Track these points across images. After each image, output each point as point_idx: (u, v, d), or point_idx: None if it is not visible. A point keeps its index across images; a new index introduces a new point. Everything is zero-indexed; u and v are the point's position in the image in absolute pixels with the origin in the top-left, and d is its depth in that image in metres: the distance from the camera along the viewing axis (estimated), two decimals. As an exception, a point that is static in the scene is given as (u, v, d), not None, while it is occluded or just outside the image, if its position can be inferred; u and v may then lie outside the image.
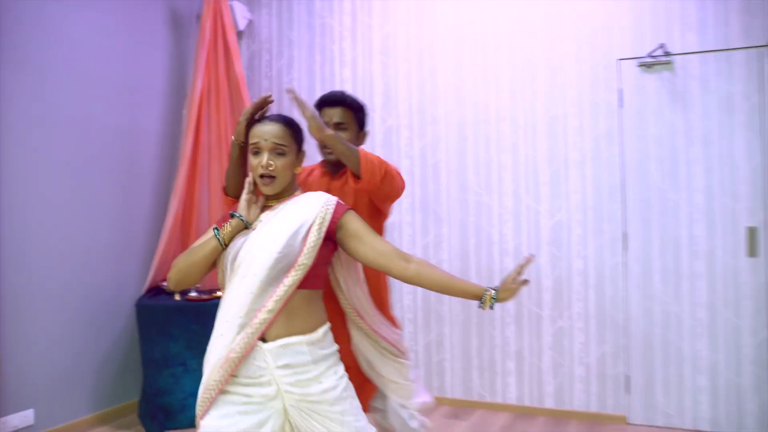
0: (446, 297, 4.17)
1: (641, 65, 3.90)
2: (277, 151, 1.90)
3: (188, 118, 4.33)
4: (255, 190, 1.95)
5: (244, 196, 1.93)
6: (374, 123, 4.52)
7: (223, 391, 1.79)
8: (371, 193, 2.20)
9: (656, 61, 3.85)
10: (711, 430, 3.74)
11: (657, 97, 3.88)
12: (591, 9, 4.01)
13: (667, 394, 3.84)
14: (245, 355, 1.78)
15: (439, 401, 4.25)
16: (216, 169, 4.41)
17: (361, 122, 2.41)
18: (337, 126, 2.32)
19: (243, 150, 2.03)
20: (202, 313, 3.89)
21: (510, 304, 4.13)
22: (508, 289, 1.82)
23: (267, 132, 1.91)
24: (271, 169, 1.89)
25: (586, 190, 4.01)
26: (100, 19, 4.05)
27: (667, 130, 3.85)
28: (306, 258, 1.83)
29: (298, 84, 4.76)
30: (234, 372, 1.78)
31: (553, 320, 4.07)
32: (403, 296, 4.34)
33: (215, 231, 1.90)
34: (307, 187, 2.25)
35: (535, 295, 4.09)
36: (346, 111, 2.35)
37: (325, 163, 2.42)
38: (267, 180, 1.90)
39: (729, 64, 3.72)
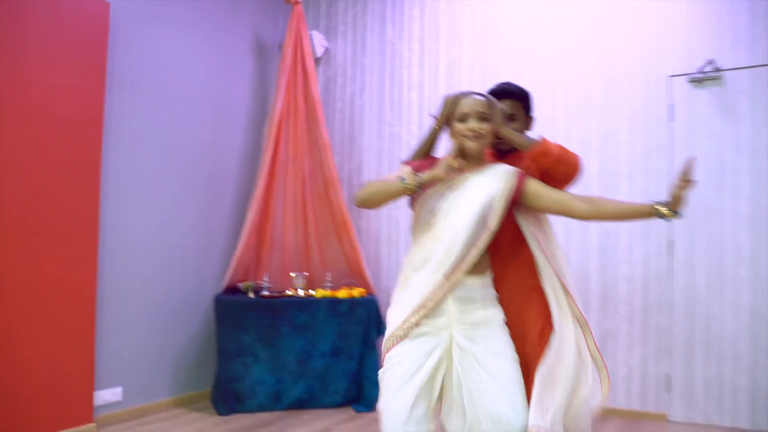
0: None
1: (692, 81, 4.05)
2: (484, 117, 2.19)
3: (269, 136, 4.78)
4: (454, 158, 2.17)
5: (446, 157, 2.14)
6: (441, 140, 4.83)
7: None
8: (545, 171, 2.32)
9: (706, 77, 3.99)
10: (749, 428, 3.74)
11: (706, 111, 4.00)
12: (643, 27, 4.20)
13: (707, 393, 3.88)
14: (437, 305, 2.10)
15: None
16: (291, 183, 4.82)
17: (527, 109, 2.56)
18: (510, 117, 2.46)
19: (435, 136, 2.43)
20: (272, 310, 4.28)
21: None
22: (676, 196, 1.95)
23: (475, 102, 2.19)
24: (482, 131, 2.17)
25: (635, 199, 4.14)
26: (195, 45, 4.62)
27: (716, 142, 3.96)
28: (494, 225, 2.13)
29: (369, 105, 5.18)
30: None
31: (598, 323, 4.19)
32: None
33: (402, 179, 2.13)
34: None
35: (583, 299, 4.23)
36: (514, 102, 2.51)
37: (493, 149, 2.51)
38: (475, 137, 2.18)
39: (778, 78, 3.81)
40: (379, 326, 4.43)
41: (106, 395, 3.96)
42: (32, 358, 3.47)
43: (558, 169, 2.29)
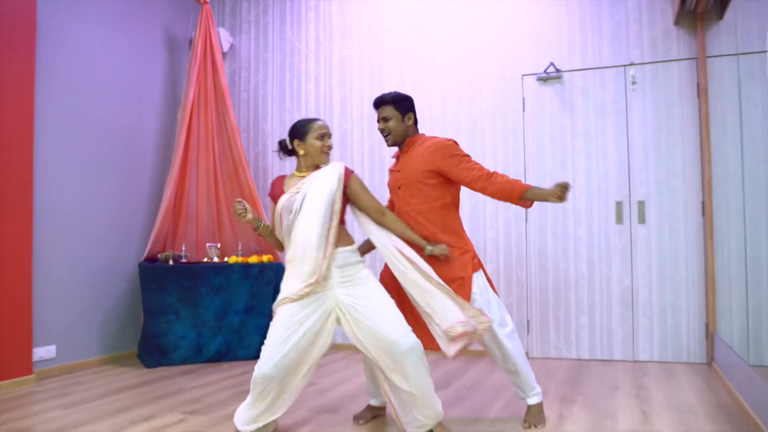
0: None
1: (539, 79, 5.04)
2: (330, 135, 3.06)
3: (181, 121, 5.31)
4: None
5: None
6: (332, 126, 5.58)
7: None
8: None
9: (549, 76, 5.00)
10: (589, 357, 4.79)
11: (551, 104, 5.01)
12: (501, 36, 5.15)
13: (557, 332, 4.89)
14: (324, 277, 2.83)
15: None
16: (203, 163, 5.38)
17: (402, 110, 3.15)
18: (385, 120, 3.15)
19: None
20: (192, 273, 4.86)
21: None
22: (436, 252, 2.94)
23: (326, 125, 3.02)
24: (331, 147, 3.04)
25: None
26: (113, 39, 5.08)
27: (558, 128, 4.97)
28: (338, 204, 2.90)
29: (271, 95, 5.83)
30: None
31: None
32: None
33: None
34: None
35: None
36: (389, 107, 3.15)
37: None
38: (328, 152, 3.01)
39: (603, 78, 4.88)
40: (287, 286, 5.11)
41: (42, 352, 4.39)
42: (-19, 314, 3.88)
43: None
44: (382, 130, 3.19)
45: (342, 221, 2.96)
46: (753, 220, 3.48)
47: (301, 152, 2.98)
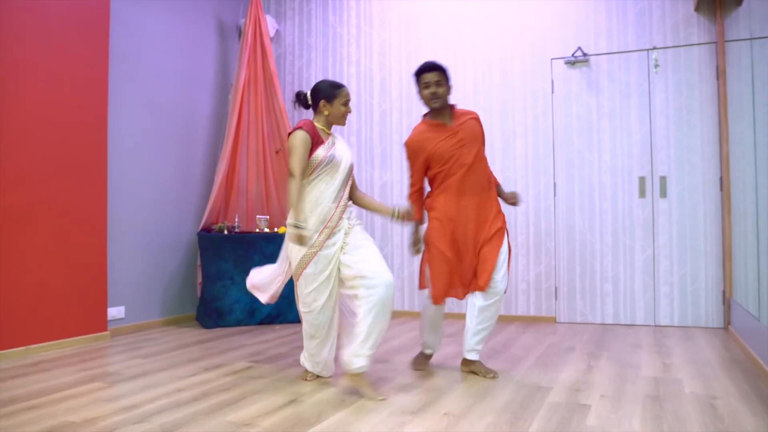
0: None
1: (567, 63, 5.38)
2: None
3: (233, 103, 5.72)
4: None
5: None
6: (372, 107, 5.98)
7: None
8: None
9: (577, 60, 5.33)
10: (612, 322, 5.18)
11: (578, 86, 5.35)
12: (530, 21, 5.50)
13: (583, 299, 5.27)
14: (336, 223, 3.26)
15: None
16: (253, 140, 5.80)
17: (448, 78, 3.49)
18: (438, 83, 3.42)
19: None
20: (245, 242, 5.29)
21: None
22: (404, 212, 3.35)
23: (349, 93, 3.39)
24: (350, 111, 3.42)
25: (527, 153, 5.46)
26: (172, 27, 5.49)
27: (585, 109, 5.32)
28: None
29: (314, 78, 6.22)
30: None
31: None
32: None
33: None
34: (433, 145, 3.47)
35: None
36: (440, 72, 3.45)
37: (429, 116, 3.56)
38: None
39: (627, 62, 5.21)
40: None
41: (113, 312, 4.86)
42: (58, 277, 4.35)
43: None
44: (433, 93, 3.42)
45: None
46: (766, 194, 3.80)
47: (326, 113, 3.31)
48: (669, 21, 5.10)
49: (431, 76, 3.44)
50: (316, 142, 3.24)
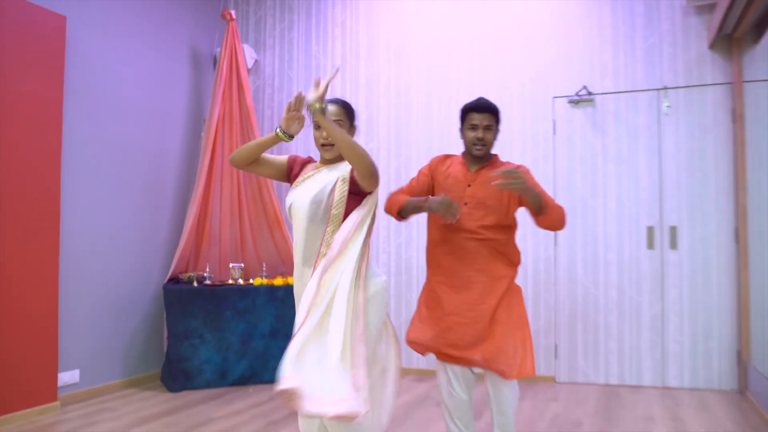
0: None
1: (570, 102, 4.97)
2: (337, 124, 2.42)
3: (206, 141, 5.25)
4: (295, 111, 2.41)
5: (285, 115, 2.42)
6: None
7: None
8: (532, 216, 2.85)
9: (581, 99, 4.93)
10: (618, 383, 4.73)
11: (582, 127, 4.94)
12: (531, 56, 5.09)
13: (585, 357, 4.82)
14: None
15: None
16: (227, 183, 5.32)
17: (499, 122, 2.99)
18: (487, 128, 2.92)
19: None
20: (217, 296, 4.80)
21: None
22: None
23: (329, 111, 2.41)
24: (329, 139, 2.42)
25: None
26: (138, 57, 5.02)
27: (589, 152, 4.91)
28: (336, 209, 2.41)
29: (295, 113, 5.75)
30: None
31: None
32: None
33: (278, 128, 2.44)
34: (446, 176, 2.96)
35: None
36: (491, 115, 2.93)
37: (465, 156, 3.00)
38: (327, 147, 2.46)
39: (635, 102, 4.81)
40: (312, 309, 5.04)
41: (66, 377, 4.34)
42: (1, 344, 3.82)
43: (548, 222, 2.84)
44: (479, 139, 2.90)
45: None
46: None
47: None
48: (681, 59, 4.71)
49: (481, 118, 2.93)
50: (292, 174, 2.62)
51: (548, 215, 2.78)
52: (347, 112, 2.57)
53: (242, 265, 5.17)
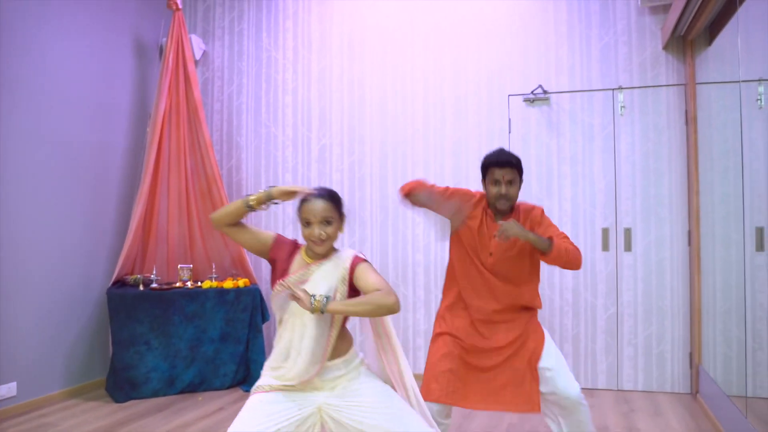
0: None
1: (525, 100, 4.90)
2: (327, 221, 2.39)
3: (151, 135, 5.02)
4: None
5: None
6: (311, 141, 5.37)
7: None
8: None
9: (537, 98, 4.86)
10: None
11: (537, 126, 4.88)
12: (487, 54, 4.99)
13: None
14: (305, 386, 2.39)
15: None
16: (174, 180, 5.11)
17: (521, 174, 2.88)
18: (510, 182, 2.81)
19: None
20: (164, 301, 4.62)
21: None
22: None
23: (316, 208, 2.37)
24: (323, 237, 2.37)
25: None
26: (78, 47, 4.75)
27: (544, 152, 4.86)
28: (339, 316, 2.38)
29: (246, 107, 5.57)
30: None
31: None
32: None
33: (245, 196, 2.38)
34: (470, 218, 2.90)
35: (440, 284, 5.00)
36: (514, 169, 2.82)
37: (488, 205, 2.92)
38: (319, 242, 2.38)
39: (591, 101, 4.76)
40: (264, 313, 4.92)
41: (2, 391, 4.12)
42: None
43: (560, 263, 2.74)
44: (503, 195, 2.83)
45: (343, 325, 2.46)
46: (737, 251, 3.44)
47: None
48: (636, 59, 4.67)
49: (504, 173, 2.83)
50: (279, 260, 2.49)
51: (559, 258, 2.70)
52: (335, 205, 2.44)
53: (191, 266, 4.99)
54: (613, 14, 4.73)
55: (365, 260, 2.45)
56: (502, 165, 2.83)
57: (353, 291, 2.41)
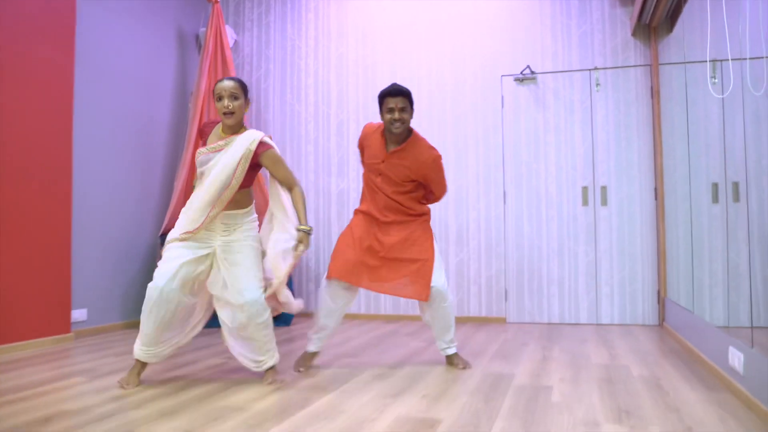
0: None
1: (516, 80, 5.75)
2: (234, 96, 3.09)
3: (193, 110, 5.81)
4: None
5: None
6: (330, 117, 6.19)
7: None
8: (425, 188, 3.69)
9: (525, 77, 5.71)
10: (558, 321, 5.53)
11: (526, 102, 5.73)
12: (482, 39, 5.85)
13: (531, 300, 5.61)
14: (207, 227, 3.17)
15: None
16: (213, 148, 5.90)
17: (412, 103, 3.50)
18: (402, 109, 3.41)
19: None
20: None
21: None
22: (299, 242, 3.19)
23: (227, 86, 3.07)
24: (231, 108, 3.07)
25: (479, 164, 5.79)
26: (133, 34, 5.57)
27: (532, 124, 5.70)
28: (236, 181, 3.08)
29: (272, 89, 6.39)
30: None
31: (456, 254, 5.79)
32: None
33: None
34: (366, 142, 3.63)
35: (443, 238, 5.80)
36: (405, 98, 3.43)
37: (384, 133, 3.54)
38: (229, 115, 3.09)
39: (571, 81, 5.62)
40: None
41: (76, 314, 4.86)
42: (22, 279, 4.35)
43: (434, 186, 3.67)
44: (397, 120, 3.41)
45: (245, 186, 3.15)
46: (696, 203, 4.17)
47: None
48: (609, 44, 5.55)
49: (396, 101, 3.43)
50: (203, 134, 3.29)
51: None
52: (242, 86, 3.16)
53: (227, 223, 5.75)
54: (590, 6, 5.61)
55: (272, 146, 3.18)
56: (394, 94, 3.43)
57: (252, 169, 3.14)
